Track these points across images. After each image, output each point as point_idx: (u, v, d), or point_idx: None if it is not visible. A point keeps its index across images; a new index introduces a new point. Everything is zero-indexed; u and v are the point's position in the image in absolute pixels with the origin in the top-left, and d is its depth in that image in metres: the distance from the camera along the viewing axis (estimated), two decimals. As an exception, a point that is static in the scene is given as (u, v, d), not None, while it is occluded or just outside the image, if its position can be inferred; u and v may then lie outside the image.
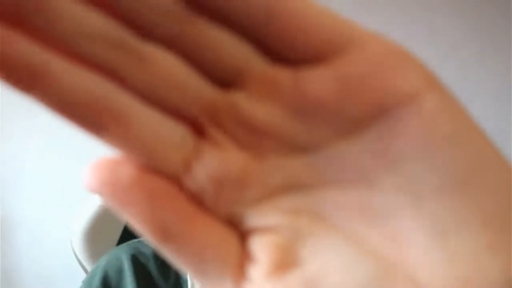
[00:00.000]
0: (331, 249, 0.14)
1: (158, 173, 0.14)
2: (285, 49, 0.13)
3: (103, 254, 0.67)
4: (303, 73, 0.14)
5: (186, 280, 0.56)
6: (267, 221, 0.15)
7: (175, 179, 0.14)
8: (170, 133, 0.14)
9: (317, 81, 0.13)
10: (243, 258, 0.15)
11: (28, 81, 0.13)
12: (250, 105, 0.14)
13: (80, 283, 0.60)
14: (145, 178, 0.14)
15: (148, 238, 0.14)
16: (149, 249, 0.60)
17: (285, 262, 0.14)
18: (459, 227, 0.13)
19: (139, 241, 0.62)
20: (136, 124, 0.13)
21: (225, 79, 0.14)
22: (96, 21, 0.13)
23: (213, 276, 0.14)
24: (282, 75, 0.14)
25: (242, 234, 0.15)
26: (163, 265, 0.59)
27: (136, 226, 0.14)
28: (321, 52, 0.13)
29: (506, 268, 0.13)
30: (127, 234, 0.67)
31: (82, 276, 0.70)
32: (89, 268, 0.68)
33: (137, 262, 0.58)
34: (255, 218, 0.15)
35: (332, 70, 0.13)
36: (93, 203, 0.67)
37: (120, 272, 0.58)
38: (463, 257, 0.13)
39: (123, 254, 0.59)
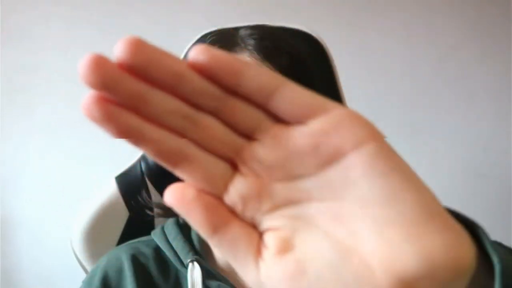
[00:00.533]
0: (313, 241, 0.24)
1: (209, 192, 0.24)
2: (281, 115, 0.24)
3: (103, 254, 0.67)
4: (293, 128, 0.24)
5: (186, 280, 0.56)
6: (275, 223, 0.25)
7: (219, 197, 0.24)
8: (216, 168, 0.24)
9: (301, 135, 0.23)
10: (260, 245, 0.24)
11: (135, 138, 0.23)
12: (263, 150, 0.24)
13: (80, 283, 0.60)
14: (201, 196, 0.24)
15: (202, 232, 0.24)
16: (149, 249, 0.60)
17: (285, 248, 0.24)
18: (389, 226, 0.22)
19: (139, 241, 0.62)
20: (197, 163, 0.24)
21: (248, 132, 0.24)
22: (173, 103, 0.23)
23: (241, 256, 0.24)
24: (280, 130, 0.24)
25: (260, 231, 0.25)
26: (163, 265, 0.59)
27: (195, 225, 0.24)
28: (303, 116, 0.23)
29: (418, 254, 0.22)
30: (127, 234, 0.67)
31: (82, 276, 0.70)
32: (89, 268, 0.68)
33: (137, 262, 0.58)
34: (268, 221, 0.25)
35: (309, 127, 0.23)
36: (93, 203, 0.67)
37: (120, 272, 0.58)
38: (392, 245, 0.22)
39: (123, 254, 0.59)
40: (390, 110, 1.22)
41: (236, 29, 0.56)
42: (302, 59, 0.55)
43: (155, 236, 0.60)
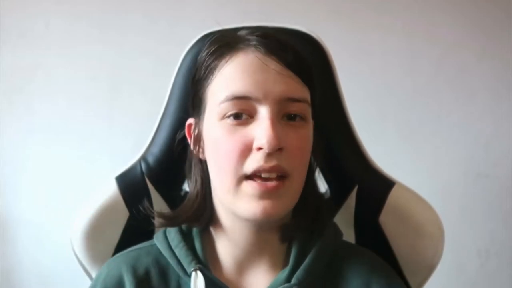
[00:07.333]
0: None
1: None
2: None
3: (103, 254, 0.67)
4: None
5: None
6: None
7: None
8: None
9: None
10: None
11: None
12: None
13: (80, 283, 0.60)
14: None
15: None
16: (150, 258, 0.59)
17: None
18: None
19: (140, 248, 0.61)
20: None
21: None
22: None
23: None
24: None
25: None
26: (164, 275, 0.58)
27: None
28: None
29: None
30: (127, 234, 0.67)
31: (82, 276, 0.69)
32: (89, 268, 0.68)
33: (137, 275, 0.58)
34: None
35: None
36: (93, 203, 0.67)
37: (120, 285, 0.57)
38: None
39: (123, 265, 0.59)
40: (390, 110, 1.22)
41: (235, 30, 0.57)
42: (304, 58, 0.56)
43: (158, 241, 0.60)
